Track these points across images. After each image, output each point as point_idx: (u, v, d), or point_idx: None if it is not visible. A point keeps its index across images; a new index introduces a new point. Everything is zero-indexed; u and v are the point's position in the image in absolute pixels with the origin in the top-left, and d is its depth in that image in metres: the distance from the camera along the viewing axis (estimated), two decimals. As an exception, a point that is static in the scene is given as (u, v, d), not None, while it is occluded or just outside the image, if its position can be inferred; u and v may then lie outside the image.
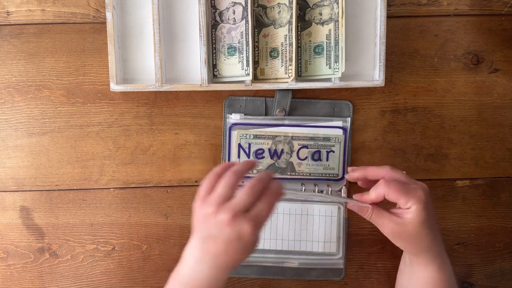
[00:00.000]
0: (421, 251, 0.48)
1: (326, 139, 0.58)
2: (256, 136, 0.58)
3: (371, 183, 0.50)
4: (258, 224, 0.43)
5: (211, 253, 0.43)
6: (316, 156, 0.58)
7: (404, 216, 0.46)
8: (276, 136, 0.58)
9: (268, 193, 0.44)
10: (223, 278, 0.44)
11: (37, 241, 0.60)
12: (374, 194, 0.47)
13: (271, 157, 0.58)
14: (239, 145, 0.58)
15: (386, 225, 0.47)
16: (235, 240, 0.42)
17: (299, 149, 0.58)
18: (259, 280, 0.61)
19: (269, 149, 0.58)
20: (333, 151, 0.58)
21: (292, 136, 0.58)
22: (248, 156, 0.58)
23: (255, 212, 0.43)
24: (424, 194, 0.46)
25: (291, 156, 0.58)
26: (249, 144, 0.58)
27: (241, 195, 0.43)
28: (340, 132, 0.58)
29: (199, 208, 0.45)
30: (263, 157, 0.58)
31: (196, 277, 0.44)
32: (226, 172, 0.45)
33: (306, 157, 0.58)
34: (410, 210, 0.46)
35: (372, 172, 0.50)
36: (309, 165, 0.58)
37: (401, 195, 0.46)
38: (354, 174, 0.51)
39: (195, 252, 0.45)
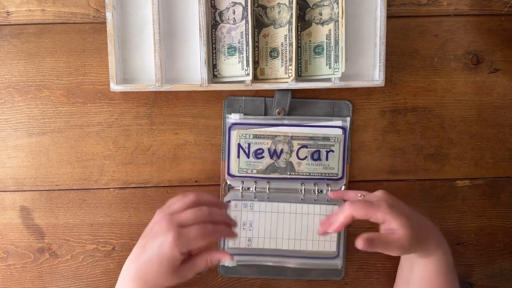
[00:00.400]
0: (425, 244, 0.49)
1: (326, 138, 0.58)
2: (255, 136, 0.58)
3: None
4: (181, 238, 0.43)
5: (138, 261, 0.45)
6: (315, 156, 0.58)
7: (393, 230, 0.46)
8: (275, 136, 0.57)
9: (209, 224, 0.45)
10: None
11: (37, 241, 0.60)
12: (342, 216, 0.47)
13: (271, 157, 0.58)
14: (239, 145, 0.58)
15: (393, 246, 0.46)
16: (157, 248, 0.44)
17: (299, 148, 0.58)
18: (259, 280, 0.61)
19: (269, 149, 0.58)
20: (333, 151, 0.57)
21: (291, 136, 0.57)
22: (248, 156, 0.58)
23: (186, 230, 0.44)
24: (386, 203, 0.47)
25: (290, 156, 0.58)
26: (249, 144, 0.58)
27: (185, 212, 0.45)
28: (339, 132, 0.58)
29: (154, 216, 0.48)
30: (262, 157, 0.58)
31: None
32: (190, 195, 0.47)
33: (306, 157, 0.58)
34: (388, 221, 0.46)
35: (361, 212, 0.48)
36: (309, 164, 0.58)
37: (368, 210, 0.46)
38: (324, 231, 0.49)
39: (128, 259, 0.47)
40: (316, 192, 0.57)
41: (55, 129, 0.59)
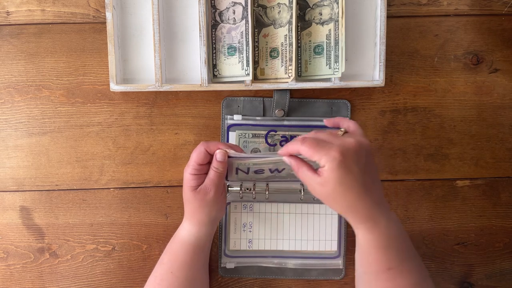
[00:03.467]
0: (345, 211, 0.45)
1: None
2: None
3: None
4: (188, 164, 0.50)
5: (185, 205, 0.53)
6: None
7: (322, 176, 0.43)
8: (277, 162, 0.50)
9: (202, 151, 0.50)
10: (193, 230, 0.53)
11: (37, 241, 0.60)
12: (290, 148, 0.45)
13: (271, 172, 0.53)
14: (237, 169, 0.53)
15: (307, 184, 0.45)
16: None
17: None
18: (259, 280, 0.61)
19: (270, 169, 0.53)
20: None
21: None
22: (247, 173, 0.54)
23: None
24: (340, 153, 0.42)
25: (292, 171, 0.52)
26: (248, 168, 0.53)
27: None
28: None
29: None
30: (262, 173, 0.54)
31: (177, 231, 0.55)
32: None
33: None
34: (325, 168, 0.43)
35: (291, 148, 0.45)
36: None
37: (314, 152, 0.43)
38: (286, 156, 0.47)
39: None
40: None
41: (55, 129, 0.59)
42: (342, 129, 0.46)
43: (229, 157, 0.49)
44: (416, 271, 0.47)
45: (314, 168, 0.45)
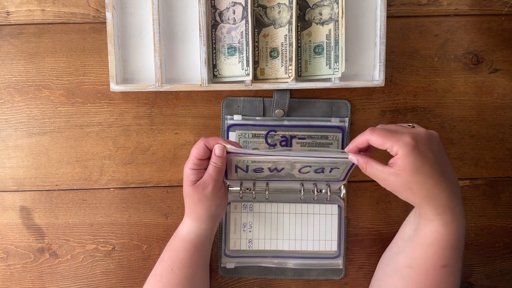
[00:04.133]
0: (421, 201, 0.43)
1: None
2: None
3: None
4: (189, 162, 0.50)
5: (185, 201, 0.53)
6: (319, 171, 0.54)
7: (396, 165, 0.42)
8: (277, 161, 0.51)
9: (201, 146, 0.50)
10: (193, 226, 0.53)
11: (37, 241, 0.60)
12: (358, 140, 0.45)
13: (270, 172, 0.54)
14: (236, 166, 0.53)
15: (379, 178, 0.44)
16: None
17: (302, 168, 0.53)
18: (259, 280, 0.61)
19: (269, 168, 0.53)
20: (338, 168, 0.52)
21: (294, 162, 0.51)
22: (247, 171, 0.54)
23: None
24: (413, 138, 0.41)
25: (292, 171, 0.54)
26: (247, 166, 0.53)
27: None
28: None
29: None
30: (262, 172, 0.54)
31: (178, 229, 0.55)
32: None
33: (308, 172, 0.54)
34: (398, 156, 0.41)
35: (359, 140, 0.45)
36: (311, 174, 0.55)
37: (385, 140, 0.42)
38: (352, 153, 0.47)
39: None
40: (316, 192, 0.57)
41: (55, 129, 0.59)
42: (410, 124, 0.46)
43: (228, 152, 0.49)
44: (460, 272, 0.46)
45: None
